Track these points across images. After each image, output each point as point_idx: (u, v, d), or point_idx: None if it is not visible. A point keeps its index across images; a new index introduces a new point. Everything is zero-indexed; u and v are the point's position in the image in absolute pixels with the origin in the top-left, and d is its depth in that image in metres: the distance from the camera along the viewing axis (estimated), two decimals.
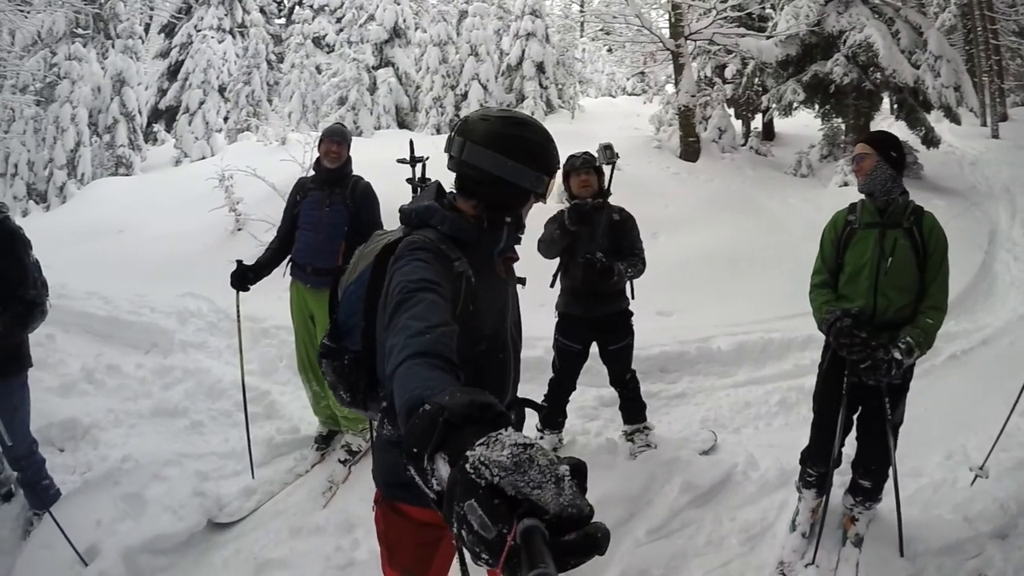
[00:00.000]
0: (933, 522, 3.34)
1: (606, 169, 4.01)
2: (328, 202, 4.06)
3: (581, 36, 21.52)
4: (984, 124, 16.93)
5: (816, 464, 3.33)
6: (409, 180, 4.12)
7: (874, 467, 3.22)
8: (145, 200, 10.97)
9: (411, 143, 4.20)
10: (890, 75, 10.40)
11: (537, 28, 17.87)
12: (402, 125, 18.33)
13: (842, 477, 3.38)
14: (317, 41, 22.00)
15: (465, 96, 17.45)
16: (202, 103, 18.47)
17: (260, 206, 8.49)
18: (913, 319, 3.02)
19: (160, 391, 5.00)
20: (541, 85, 18.05)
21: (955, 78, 10.74)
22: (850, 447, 3.29)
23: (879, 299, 3.04)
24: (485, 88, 17.55)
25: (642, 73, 26.19)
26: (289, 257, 4.20)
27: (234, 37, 20.85)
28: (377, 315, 1.62)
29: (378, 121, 17.35)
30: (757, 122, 15.72)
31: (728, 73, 13.62)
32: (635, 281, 4.05)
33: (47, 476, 3.59)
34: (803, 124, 15.16)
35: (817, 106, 13.10)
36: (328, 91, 17.78)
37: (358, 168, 4.29)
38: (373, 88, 17.64)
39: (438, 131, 17.35)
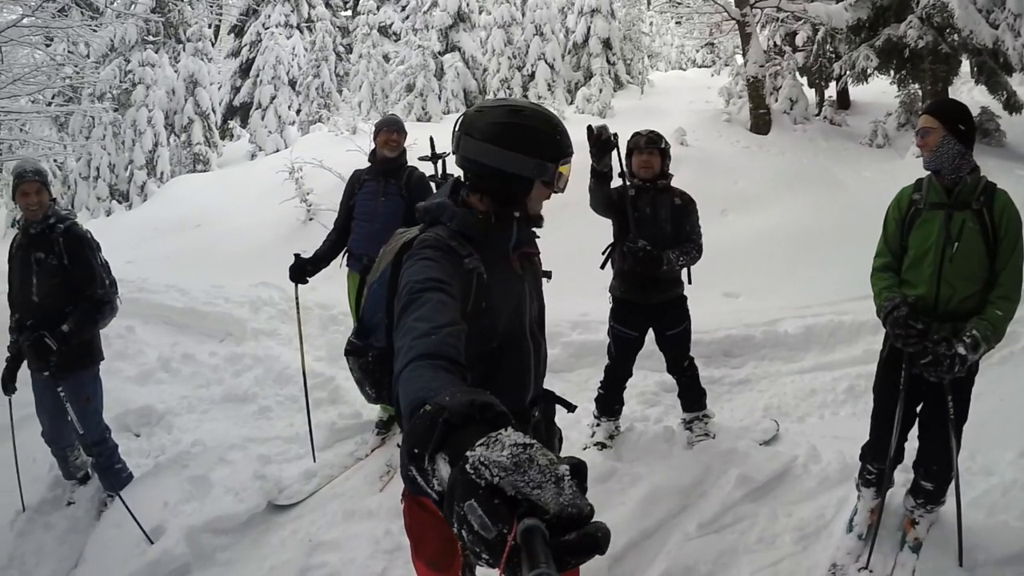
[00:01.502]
0: (998, 528, 3.11)
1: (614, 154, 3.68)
2: (384, 192, 4.10)
3: (648, 8, 20.92)
4: None
5: (875, 460, 3.11)
6: (431, 177, 4.14)
7: (935, 467, 2.98)
8: (221, 194, 11.40)
9: (431, 140, 4.22)
10: (967, 36, 9.66)
11: (601, 4, 17.52)
12: None
13: (905, 475, 3.17)
14: (383, 30, 22.11)
15: (532, 76, 17.29)
16: (273, 98, 18.89)
17: (329, 196, 8.66)
18: (980, 309, 2.75)
19: (231, 378, 5.21)
20: (608, 61, 17.69)
21: None
22: (913, 442, 3.07)
23: (942, 287, 2.78)
24: (552, 67, 17.35)
25: (711, 44, 25.50)
26: (345, 248, 4.26)
27: (301, 32, 21.23)
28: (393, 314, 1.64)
29: (447, 106, 17.39)
30: (831, 91, 14.99)
31: (799, 41, 13.02)
32: (697, 263, 3.92)
33: (120, 461, 3.81)
34: (880, 91, 14.26)
35: (892, 72, 12.32)
36: (396, 79, 17.92)
37: (410, 151, 4.35)
38: (440, 73, 17.67)
39: None
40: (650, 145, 3.76)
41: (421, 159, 4.17)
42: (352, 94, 19.43)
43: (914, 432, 3.06)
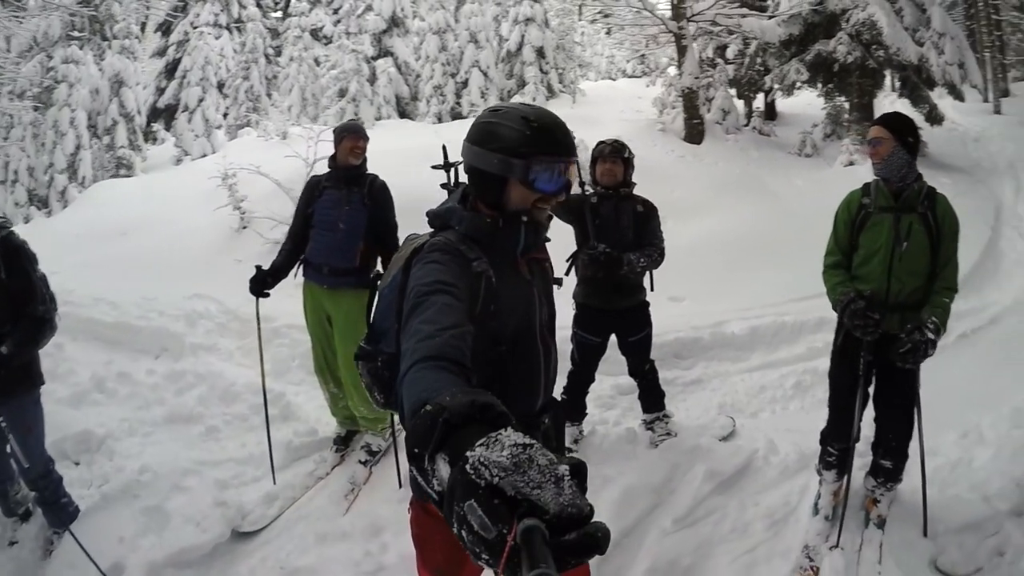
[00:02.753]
0: (952, 502, 3.39)
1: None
2: (347, 201, 3.98)
3: (579, 19, 21.43)
4: (986, 100, 16.97)
5: (837, 441, 3.37)
6: (444, 185, 4.15)
7: (895, 444, 3.26)
8: (148, 201, 10.96)
9: (444, 148, 4.17)
10: (894, 53, 10.38)
11: (536, 13, 17.88)
12: (403, 115, 18.30)
13: (861, 460, 3.41)
14: (315, 33, 21.91)
15: (466, 84, 17.47)
16: (201, 100, 18.44)
17: (264, 203, 8.49)
18: (927, 300, 3.07)
19: (173, 397, 4.93)
20: (541, 70, 18.03)
21: (959, 55, 10.72)
22: (868, 429, 3.32)
23: (893, 282, 3.08)
24: (486, 75, 17.55)
25: (642, 55, 26.17)
26: (301, 258, 4.14)
27: (231, 32, 20.83)
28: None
29: (379, 112, 17.31)
30: (759, 102, 15.65)
31: (729, 54, 13.57)
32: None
33: (65, 494, 3.51)
34: (806, 103, 15.07)
35: (820, 85, 13.05)
36: (328, 83, 17.72)
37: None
38: (373, 79, 17.60)
39: (439, 120, 17.35)
40: (614, 154, 3.86)
41: (434, 167, 4.13)
42: (282, 98, 19.11)
43: (869, 419, 3.31)
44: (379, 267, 4.10)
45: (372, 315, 1.91)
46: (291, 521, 3.71)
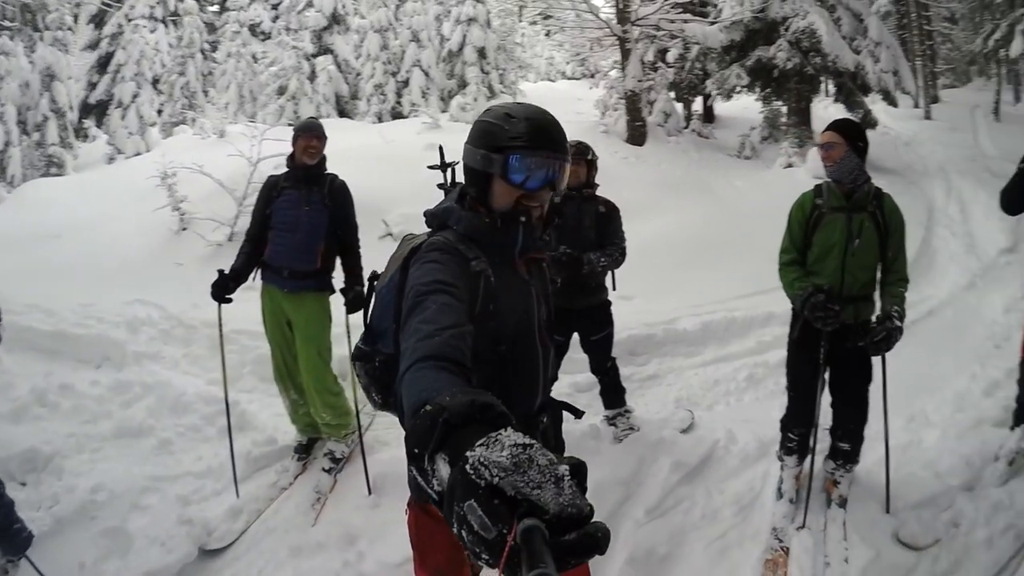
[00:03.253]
0: (907, 480, 3.65)
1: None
2: (307, 201, 3.92)
3: (520, 20, 21.61)
4: (917, 106, 17.83)
5: (798, 427, 3.58)
6: (441, 185, 4.11)
7: (852, 427, 3.51)
8: (82, 201, 10.52)
9: (440, 148, 4.12)
10: (832, 60, 10.83)
11: (479, 13, 17.90)
12: (342, 114, 18.08)
13: (819, 444, 3.61)
14: (253, 29, 21.45)
15: (407, 83, 17.35)
16: (135, 96, 17.73)
17: (205, 204, 8.29)
18: (883, 292, 3.36)
19: (120, 410, 4.69)
20: (483, 71, 18.06)
21: (894, 63, 11.33)
22: (824, 418, 3.53)
23: (846, 276, 3.32)
24: (427, 75, 17.50)
25: (583, 58, 26.49)
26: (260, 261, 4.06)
27: (167, 26, 20.06)
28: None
29: (318, 110, 17.05)
30: (697, 105, 16.07)
31: (670, 58, 13.88)
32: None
33: (18, 519, 3.28)
34: (742, 107, 15.56)
35: (759, 89, 13.48)
36: (267, 80, 17.38)
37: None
38: (313, 76, 17.33)
39: (380, 119, 17.16)
40: (578, 156, 3.91)
41: (430, 168, 4.06)
42: (219, 95, 18.63)
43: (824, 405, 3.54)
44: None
45: (369, 315, 1.90)
46: (259, 535, 3.61)
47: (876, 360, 3.39)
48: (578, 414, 2.03)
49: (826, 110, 14.33)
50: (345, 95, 17.93)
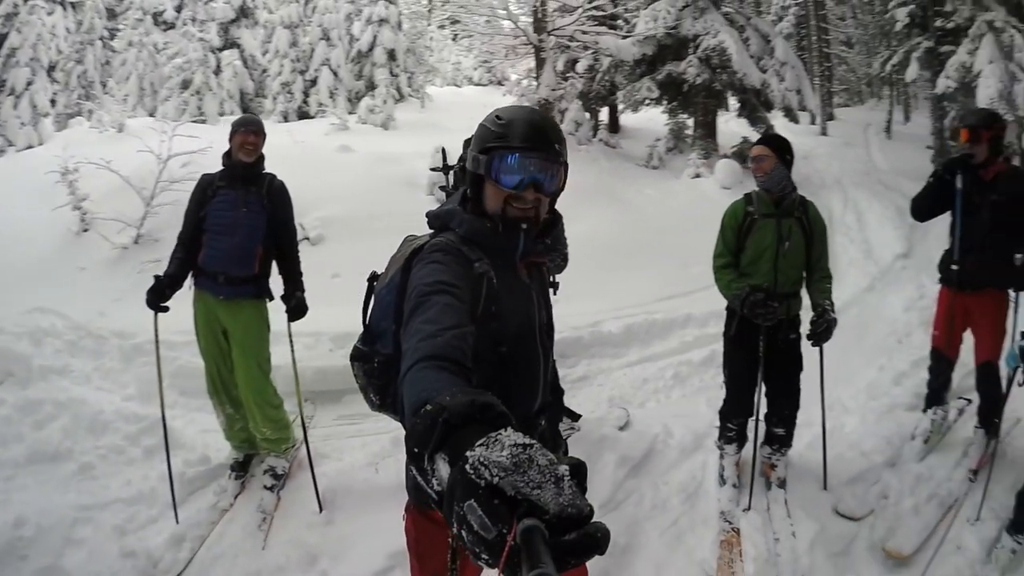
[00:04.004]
0: (837, 460, 4.00)
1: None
2: (244, 202, 3.74)
3: (428, 24, 21.56)
4: (814, 123, 19.08)
5: (737, 416, 3.88)
6: (443, 187, 4.04)
7: (786, 413, 3.83)
8: None
9: (443, 151, 4.09)
10: (741, 77, 11.45)
11: (390, 14, 17.75)
12: (247, 111, 17.38)
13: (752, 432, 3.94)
14: (155, 17, 20.29)
15: (314, 83, 16.99)
16: (30, 83, 16.32)
17: (109, 202, 7.83)
18: (812, 287, 3.73)
19: (32, 431, 4.24)
20: (392, 73, 17.91)
21: (797, 82, 12.15)
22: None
23: (779, 276, 3.65)
24: (336, 74, 17.17)
25: (489, 64, 26.70)
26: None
27: (65, 9, 18.56)
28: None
29: (221, 107, 16.47)
30: (603, 116, 16.49)
31: (580, 68, 14.19)
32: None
33: None
34: (647, 118, 15.96)
35: (666, 103, 13.96)
36: (170, 73, 16.57)
37: (207, 156, 4.09)
38: (218, 71, 16.69)
39: (286, 118, 16.77)
40: None
41: (433, 170, 3.98)
42: (118, 86, 17.57)
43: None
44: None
45: (368, 315, 1.90)
46: (206, 562, 3.39)
47: (805, 352, 3.77)
48: (575, 417, 2.06)
49: (727, 124, 15.10)
50: (250, 92, 17.38)
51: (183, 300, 3.86)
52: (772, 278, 3.62)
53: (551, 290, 2.08)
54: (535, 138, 1.72)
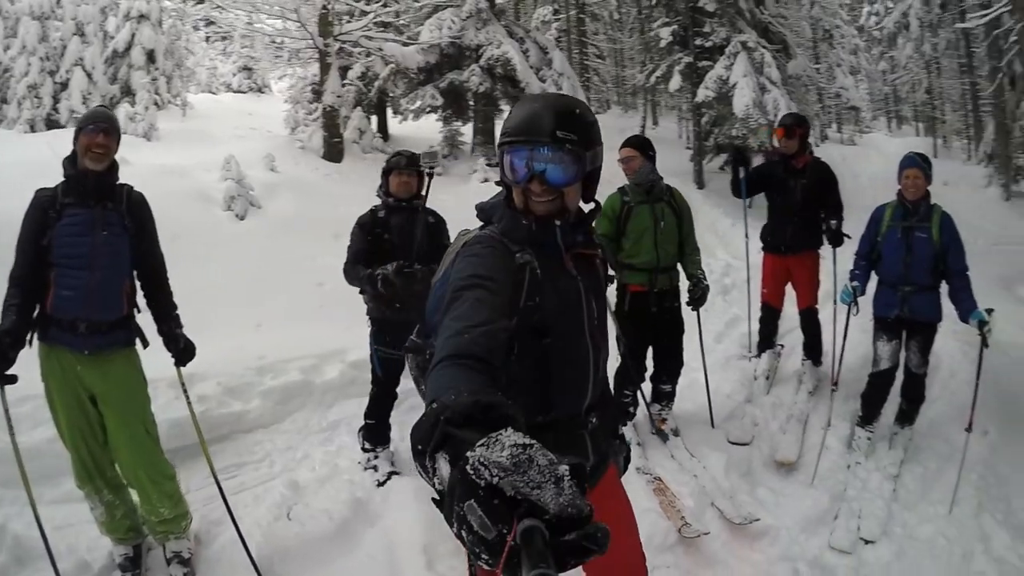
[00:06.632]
0: (706, 406, 4.62)
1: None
2: (104, 223, 2.87)
3: (183, 23, 19.35)
4: None
5: (629, 386, 4.24)
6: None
7: (674, 369, 4.33)
8: None
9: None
10: (523, 87, 12.02)
11: (151, 10, 15.61)
12: None
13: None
14: None
15: (65, 86, 14.43)
16: None
17: None
18: (686, 260, 4.26)
19: None
20: (151, 77, 15.95)
21: (574, 92, 12.86)
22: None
23: (660, 252, 4.12)
24: (90, 76, 14.73)
25: (248, 69, 24.89)
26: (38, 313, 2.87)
27: None
28: None
29: None
30: (373, 124, 16.17)
31: (352, 75, 13.73)
32: None
33: None
34: (415, 127, 15.63)
35: (441, 110, 13.81)
36: None
37: None
38: None
39: (32, 128, 14.17)
40: (411, 166, 3.81)
41: (489, 165, 3.23)
42: None
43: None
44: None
45: (426, 308, 1.79)
46: None
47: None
48: (627, 418, 2.10)
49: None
50: None
51: (27, 362, 2.83)
52: (655, 254, 4.09)
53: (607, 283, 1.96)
54: (530, 128, 1.60)
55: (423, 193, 3.75)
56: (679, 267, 4.29)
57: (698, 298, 4.19)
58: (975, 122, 21.70)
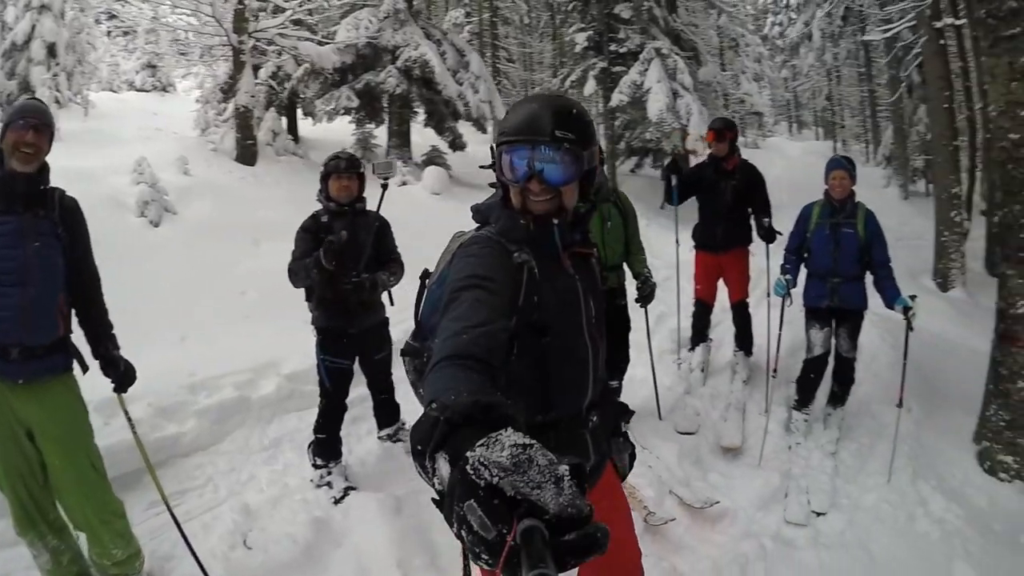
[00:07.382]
0: (650, 398, 4.75)
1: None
2: (35, 231, 2.55)
3: (84, 14, 17.89)
4: (485, 132, 20.55)
5: None
6: (493, 184, 3.43)
7: (623, 366, 4.43)
8: None
9: (492, 148, 3.42)
10: (440, 89, 11.89)
11: (54, 1, 14.28)
12: None
13: None
14: None
15: None
16: None
17: None
18: (632, 259, 4.35)
19: None
20: (51, 72, 14.57)
21: (490, 95, 12.85)
22: None
23: (607, 251, 4.11)
24: None
25: (153, 67, 23.56)
26: None
27: None
28: None
29: None
30: (283, 124, 15.61)
31: (263, 75, 13.15)
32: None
33: None
34: (325, 129, 15.38)
35: (355, 112, 13.57)
36: None
37: None
38: None
39: None
40: (351, 169, 3.68)
41: (482, 167, 3.02)
42: None
43: None
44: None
45: (420, 311, 1.78)
46: None
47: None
48: (629, 415, 2.09)
49: (421, 133, 15.42)
50: None
51: None
52: (603, 252, 4.00)
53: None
54: (526, 128, 1.59)
55: (378, 202, 3.65)
56: (625, 266, 4.36)
57: (647, 295, 4.30)
58: (873, 127, 23.17)
